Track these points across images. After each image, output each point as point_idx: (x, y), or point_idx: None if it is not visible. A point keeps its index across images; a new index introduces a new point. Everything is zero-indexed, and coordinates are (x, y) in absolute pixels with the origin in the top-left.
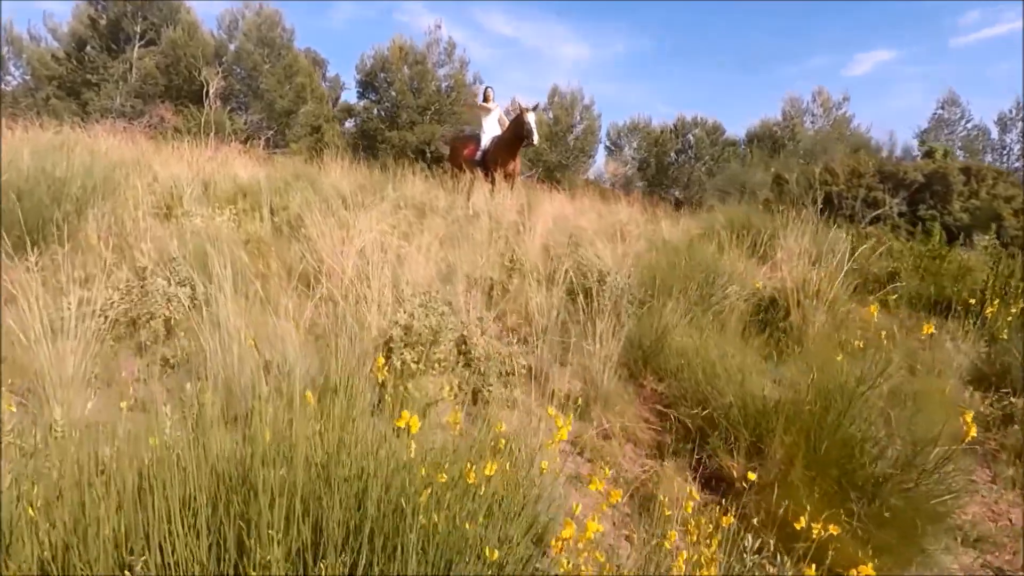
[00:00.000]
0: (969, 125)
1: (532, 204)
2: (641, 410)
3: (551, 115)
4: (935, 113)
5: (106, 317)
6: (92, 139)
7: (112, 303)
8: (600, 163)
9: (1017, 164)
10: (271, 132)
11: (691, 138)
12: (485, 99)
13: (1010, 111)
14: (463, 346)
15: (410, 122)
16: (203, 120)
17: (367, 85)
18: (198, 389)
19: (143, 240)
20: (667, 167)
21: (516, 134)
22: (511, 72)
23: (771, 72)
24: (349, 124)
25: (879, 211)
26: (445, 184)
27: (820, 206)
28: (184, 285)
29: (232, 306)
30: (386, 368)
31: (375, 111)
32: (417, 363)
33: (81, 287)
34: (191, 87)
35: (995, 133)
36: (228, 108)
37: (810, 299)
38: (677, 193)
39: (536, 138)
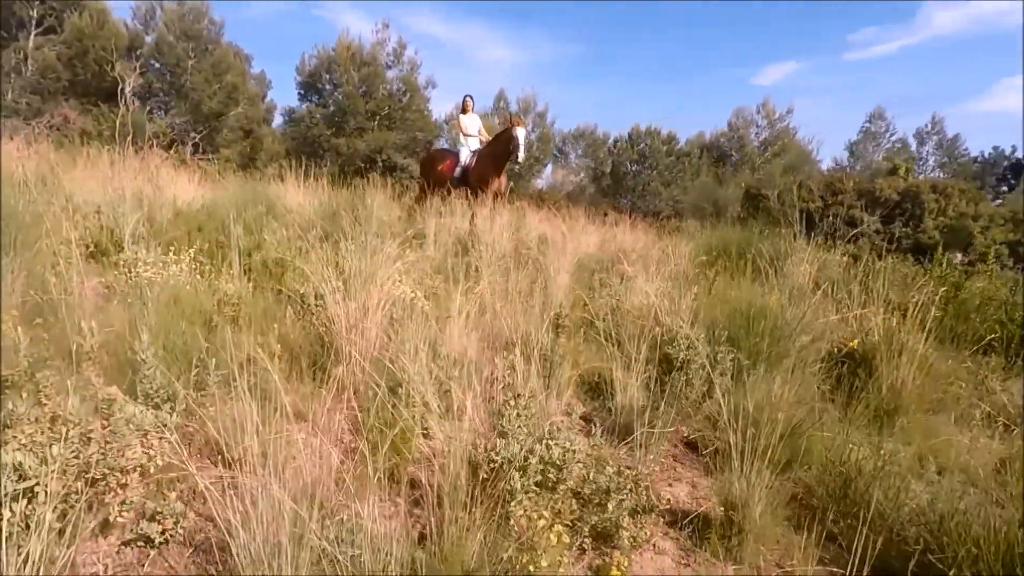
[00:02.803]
0: (893, 138)
1: (519, 226)
2: (794, 533)
3: (497, 121)
4: (863, 126)
5: (46, 492)
6: None
7: (61, 463)
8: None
9: (932, 174)
10: (198, 136)
11: (645, 148)
12: (463, 109)
13: (926, 126)
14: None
15: (358, 128)
16: (118, 122)
17: (309, 87)
18: None
19: (80, 314)
20: (622, 177)
21: (504, 149)
22: (436, 74)
23: (687, 81)
24: (277, 125)
25: (858, 229)
26: (410, 200)
27: (801, 224)
28: (161, 401)
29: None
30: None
31: (318, 115)
32: (548, 524)
33: None
34: (100, 83)
35: (914, 146)
36: (147, 108)
37: (899, 352)
38: (625, 202)
39: (522, 155)
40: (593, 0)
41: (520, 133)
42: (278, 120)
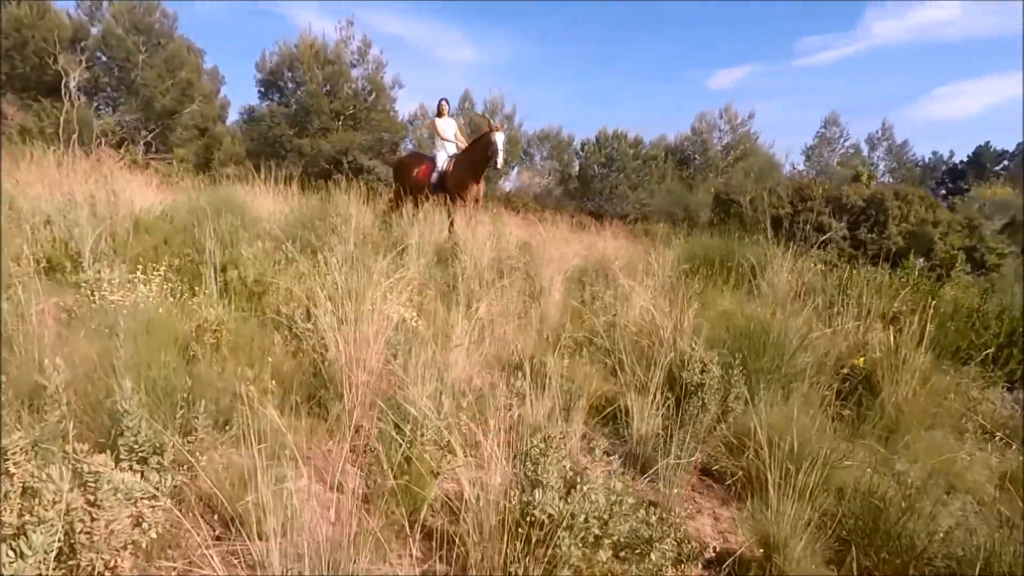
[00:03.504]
0: (847, 144)
1: (500, 233)
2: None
3: (463, 122)
4: (819, 131)
5: None
6: None
7: (42, 554)
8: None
9: (883, 179)
10: (150, 135)
11: (612, 151)
12: (439, 113)
13: (877, 131)
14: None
15: (322, 128)
16: (62, 118)
17: (270, 85)
18: None
19: (40, 347)
20: (590, 180)
21: (482, 154)
22: (398, 73)
23: (645, 83)
24: (232, 122)
25: (828, 235)
26: (385, 206)
27: (772, 231)
28: (147, 454)
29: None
30: None
31: (279, 115)
32: None
33: None
34: (42, 77)
35: (866, 151)
36: (94, 105)
37: (899, 369)
38: (592, 204)
39: (501, 160)
40: (555, 1)
41: (499, 139)
42: (232, 117)
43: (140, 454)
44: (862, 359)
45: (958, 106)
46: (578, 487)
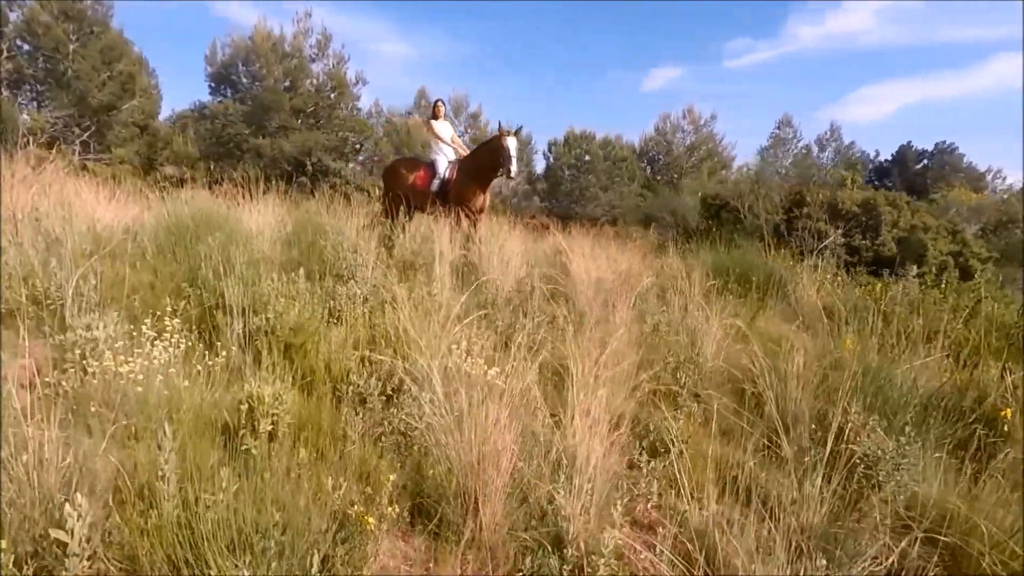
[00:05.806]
0: (800, 145)
1: (517, 250)
2: None
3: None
4: (773, 132)
5: None
6: None
7: None
8: None
9: (830, 181)
10: (85, 133)
11: (581, 152)
12: (435, 114)
13: (825, 133)
14: None
15: (282, 127)
16: None
17: (223, 79)
18: None
19: (43, 467)
20: (560, 181)
21: (492, 162)
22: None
23: (580, 82)
24: (164, 118)
25: (827, 242)
26: (377, 217)
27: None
28: None
29: None
30: None
31: (234, 112)
32: None
33: None
34: None
35: (816, 152)
36: (17, 100)
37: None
38: (558, 207)
39: (515, 169)
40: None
41: (512, 144)
42: (164, 114)
43: None
44: (1010, 410)
45: (874, 108)
46: None
